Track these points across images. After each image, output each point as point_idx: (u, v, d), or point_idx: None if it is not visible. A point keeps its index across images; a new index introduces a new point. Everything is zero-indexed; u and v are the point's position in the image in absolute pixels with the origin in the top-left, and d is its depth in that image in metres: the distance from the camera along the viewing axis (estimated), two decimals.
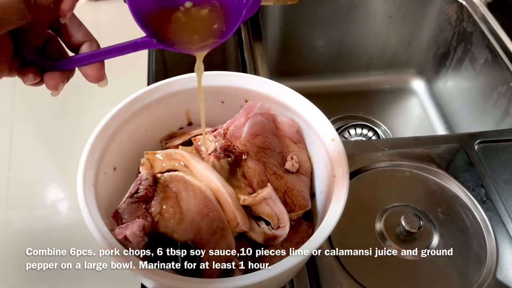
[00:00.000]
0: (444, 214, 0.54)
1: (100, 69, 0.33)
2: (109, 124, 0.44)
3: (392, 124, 0.90)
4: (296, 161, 0.46)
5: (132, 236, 0.38)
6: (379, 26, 0.90)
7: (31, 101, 0.69)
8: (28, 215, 0.56)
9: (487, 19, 0.78)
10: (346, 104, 0.93)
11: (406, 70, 0.97)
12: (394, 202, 0.55)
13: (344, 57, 0.95)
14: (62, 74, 0.33)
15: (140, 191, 0.41)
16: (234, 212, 0.41)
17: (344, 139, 0.86)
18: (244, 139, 0.45)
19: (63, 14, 0.31)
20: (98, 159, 0.42)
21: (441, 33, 0.88)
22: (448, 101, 0.89)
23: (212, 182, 0.42)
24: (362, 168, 0.58)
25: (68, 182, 0.60)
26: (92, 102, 0.69)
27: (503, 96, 0.75)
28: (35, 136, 0.66)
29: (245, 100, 0.49)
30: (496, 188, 0.56)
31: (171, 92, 0.48)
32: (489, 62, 0.77)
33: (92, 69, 0.33)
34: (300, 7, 0.83)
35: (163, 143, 0.51)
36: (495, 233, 0.52)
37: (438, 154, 0.60)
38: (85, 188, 0.39)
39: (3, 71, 0.31)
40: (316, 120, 0.46)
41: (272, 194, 0.42)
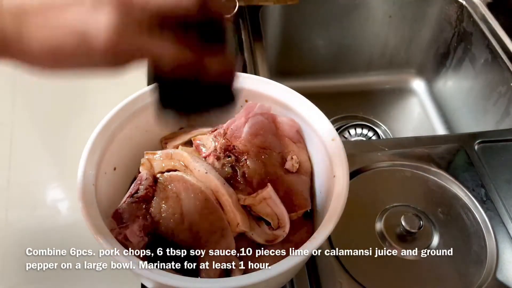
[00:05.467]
0: (444, 214, 0.54)
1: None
2: (109, 124, 0.44)
3: (392, 124, 0.90)
4: (296, 161, 0.46)
5: (132, 236, 0.38)
6: (379, 26, 0.90)
7: (31, 101, 0.68)
8: (28, 215, 0.56)
9: (487, 19, 0.78)
10: (346, 104, 0.93)
11: (406, 70, 0.97)
12: (394, 202, 0.55)
13: (344, 57, 0.95)
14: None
15: (140, 191, 0.41)
16: (234, 212, 0.41)
17: (344, 139, 0.86)
18: (244, 139, 0.45)
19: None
20: (98, 159, 0.42)
21: (441, 33, 0.88)
22: (448, 101, 0.89)
23: (212, 182, 0.42)
24: (362, 168, 0.58)
25: (68, 182, 0.60)
26: (92, 102, 0.68)
27: (503, 96, 0.75)
28: (35, 136, 0.66)
29: (245, 100, 0.49)
30: (496, 188, 0.56)
31: None
32: (489, 62, 0.77)
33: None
34: (300, 7, 0.83)
35: (163, 143, 0.51)
36: (495, 233, 0.52)
37: (438, 154, 0.60)
38: (85, 188, 0.39)
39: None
40: (316, 120, 0.46)
41: (272, 194, 0.42)
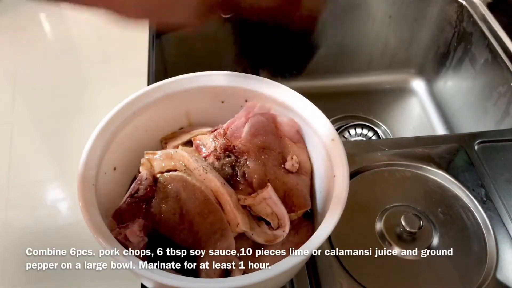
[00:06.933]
0: (444, 214, 0.54)
1: None
2: (109, 124, 0.44)
3: (392, 124, 0.90)
4: (296, 161, 0.46)
5: (132, 236, 0.38)
6: (379, 26, 0.90)
7: (31, 101, 0.68)
8: (28, 215, 0.56)
9: (487, 19, 0.78)
10: (346, 104, 0.93)
11: (406, 70, 0.96)
12: (394, 202, 0.55)
13: (344, 57, 0.95)
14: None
15: (140, 191, 0.41)
16: (234, 212, 0.41)
17: (344, 139, 0.86)
18: (244, 139, 0.45)
19: None
20: (98, 159, 0.42)
21: (441, 33, 0.88)
22: (448, 101, 0.89)
23: (212, 182, 0.42)
24: (362, 168, 0.58)
25: (68, 182, 0.60)
26: (92, 102, 0.68)
27: (503, 96, 0.74)
28: (35, 136, 0.66)
29: (245, 100, 0.49)
30: (496, 188, 0.56)
31: (171, 92, 0.48)
32: (489, 62, 0.77)
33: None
34: None
35: (163, 143, 0.51)
36: (495, 233, 0.52)
37: (438, 154, 0.60)
38: (85, 188, 0.39)
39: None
40: (316, 120, 0.46)
41: (272, 194, 0.42)
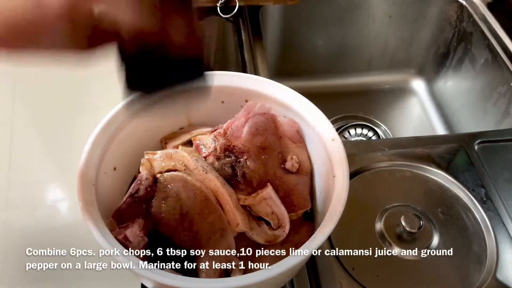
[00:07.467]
0: (444, 214, 0.54)
1: None
2: (109, 124, 0.44)
3: (392, 124, 0.90)
4: (296, 161, 0.46)
5: (132, 236, 0.38)
6: (379, 26, 0.90)
7: (31, 101, 0.68)
8: (28, 215, 0.56)
9: (487, 19, 0.78)
10: (346, 104, 0.93)
11: (406, 70, 0.96)
12: (394, 202, 0.55)
13: (344, 57, 0.95)
14: None
15: (140, 191, 0.41)
16: (234, 212, 0.41)
17: (344, 139, 0.86)
18: (244, 139, 0.45)
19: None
20: (98, 159, 0.42)
21: (441, 33, 0.88)
22: (448, 101, 0.89)
23: (212, 182, 0.42)
24: (362, 168, 0.58)
25: (68, 182, 0.60)
26: (92, 102, 0.68)
27: (503, 96, 0.74)
28: (35, 136, 0.66)
29: (245, 100, 0.49)
30: (496, 188, 0.56)
31: (171, 92, 0.48)
32: (489, 62, 0.77)
33: None
34: (300, 7, 0.83)
35: (163, 143, 0.51)
36: (495, 233, 0.52)
37: (438, 154, 0.60)
38: (85, 188, 0.39)
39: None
40: (316, 120, 0.46)
41: (272, 194, 0.42)
